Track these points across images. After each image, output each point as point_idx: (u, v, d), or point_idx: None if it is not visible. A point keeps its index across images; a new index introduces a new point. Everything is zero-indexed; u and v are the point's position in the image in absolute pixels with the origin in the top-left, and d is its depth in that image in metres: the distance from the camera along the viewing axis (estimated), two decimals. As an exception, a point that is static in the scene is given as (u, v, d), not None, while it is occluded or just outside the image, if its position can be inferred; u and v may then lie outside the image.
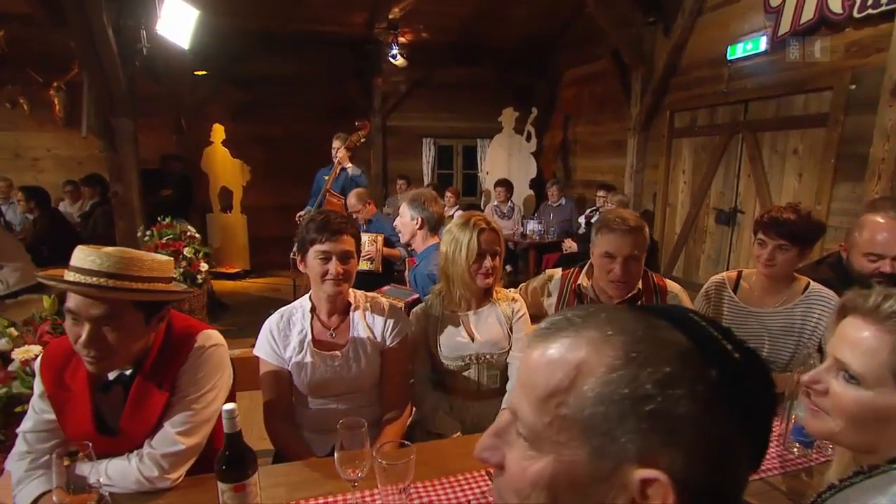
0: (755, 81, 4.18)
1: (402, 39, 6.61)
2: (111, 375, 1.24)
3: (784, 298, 1.92)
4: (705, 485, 0.45)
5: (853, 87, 3.42)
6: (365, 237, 3.79)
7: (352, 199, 4.13)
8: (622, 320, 0.49)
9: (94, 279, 1.09)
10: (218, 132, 6.63)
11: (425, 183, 7.54)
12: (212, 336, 1.34)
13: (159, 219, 4.55)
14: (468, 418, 1.79)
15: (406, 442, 1.12)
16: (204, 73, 6.70)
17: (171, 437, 1.22)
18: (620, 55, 5.68)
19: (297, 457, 1.49)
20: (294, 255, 1.64)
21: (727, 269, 4.74)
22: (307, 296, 1.68)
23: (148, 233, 4.37)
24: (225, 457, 1.00)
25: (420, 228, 2.37)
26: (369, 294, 1.75)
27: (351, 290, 1.67)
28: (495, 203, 6.27)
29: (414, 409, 1.83)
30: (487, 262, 1.72)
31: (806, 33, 3.65)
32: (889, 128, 3.10)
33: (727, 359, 0.46)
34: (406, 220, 2.40)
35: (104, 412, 1.25)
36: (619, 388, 0.45)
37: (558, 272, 2.11)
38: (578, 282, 1.98)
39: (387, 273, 4.18)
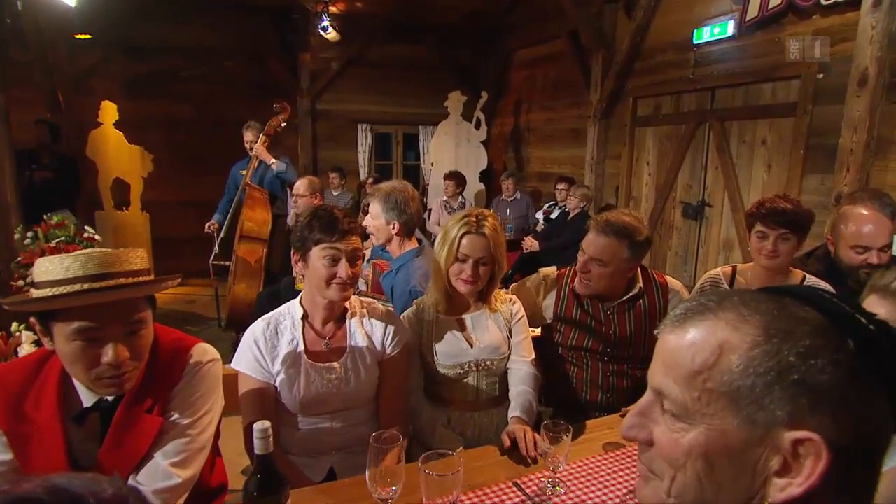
0: (722, 68, 4.55)
1: (333, 9, 6.56)
2: (87, 402, 1.20)
3: (782, 292, 2.14)
4: (853, 443, 0.56)
5: (821, 76, 3.82)
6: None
7: (302, 182, 4.02)
8: (755, 301, 0.62)
9: (112, 282, 1.06)
10: (108, 111, 6.23)
11: (361, 176, 7.51)
12: (208, 350, 1.33)
13: (45, 216, 4.24)
14: (469, 430, 1.86)
15: (450, 451, 1.18)
16: (87, 37, 6.28)
17: (164, 469, 1.20)
18: (578, 36, 5.96)
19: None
20: (211, 263, 1.66)
21: (695, 266, 5.13)
22: (296, 301, 1.69)
23: (29, 234, 4.06)
24: (256, 481, 1.01)
25: (397, 234, 2.33)
26: (364, 298, 1.77)
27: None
28: (444, 198, 6.36)
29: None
30: (467, 270, 1.76)
31: (774, 19, 4.04)
32: (857, 118, 3.50)
33: (862, 330, 0.58)
34: (380, 223, 2.34)
35: (75, 446, 1.20)
36: (765, 362, 0.57)
37: (552, 271, 2.23)
38: (576, 281, 2.11)
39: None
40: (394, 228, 2.34)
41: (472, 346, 1.85)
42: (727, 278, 2.29)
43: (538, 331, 2.26)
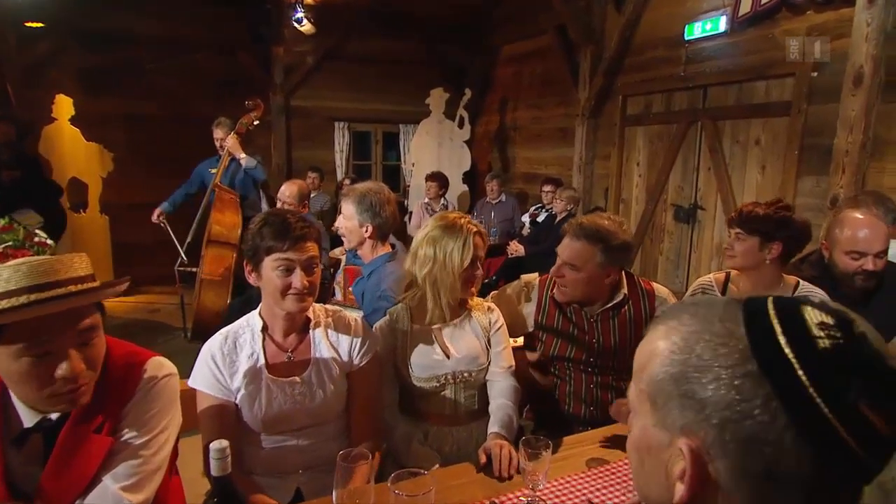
0: (714, 65, 4.61)
1: (307, 0, 6.54)
2: (28, 422, 1.17)
3: (774, 299, 2.17)
4: (747, 468, 0.56)
5: (815, 74, 3.89)
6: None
7: (290, 188, 3.96)
8: (708, 312, 0.64)
9: (61, 290, 1.04)
10: (63, 106, 6.13)
11: (338, 177, 7.49)
12: (164, 364, 1.31)
13: (-8, 218, 4.15)
14: (447, 446, 1.86)
15: (422, 470, 1.17)
16: (39, 25, 6.18)
17: (114, 493, 1.17)
18: (566, 31, 6.01)
19: (253, 508, 1.47)
20: (177, 269, 1.65)
21: (688, 271, 5.18)
22: (255, 312, 1.67)
23: (-28, 239, 3.97)
24: (213, 504, 0.99)
25: (370, 237, 2.33)
26: (330, 307, 1.76)
27: (309, 303, 1.67)
28: (426, 200, 6.37)
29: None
30: (480, 271, 1.85)
31: (767, 15, 4.10)
32: (852, 118, 3.56)
33: (772, 353, 0.56)
34: (353, 224, 2.33)
35: (15, 470, 1.18)
36: (671, 369, 0.62)
37: (535, 278, 2.24)
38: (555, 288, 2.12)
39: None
40: (367, 231, 2.33)
41: (448, 358, 1.85)
42: (719, 285, 2.31)
43: (520, 340, 2.27)
